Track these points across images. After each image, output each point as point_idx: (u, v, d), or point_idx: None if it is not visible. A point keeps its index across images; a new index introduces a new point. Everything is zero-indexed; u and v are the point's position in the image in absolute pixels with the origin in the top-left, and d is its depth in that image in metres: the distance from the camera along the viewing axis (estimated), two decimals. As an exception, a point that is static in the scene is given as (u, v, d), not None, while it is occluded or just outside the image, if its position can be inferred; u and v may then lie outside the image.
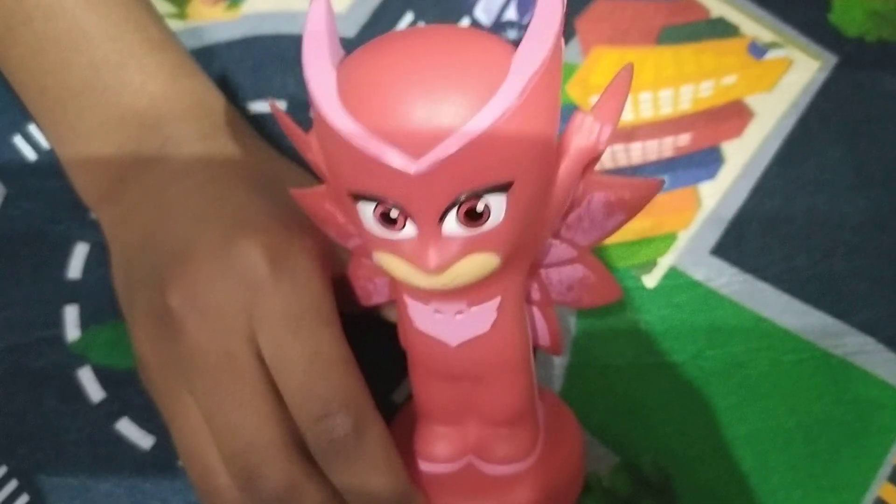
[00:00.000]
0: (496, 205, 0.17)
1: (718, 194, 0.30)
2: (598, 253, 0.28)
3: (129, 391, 0.27)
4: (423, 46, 0.17)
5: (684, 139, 0.31)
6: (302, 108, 0.32)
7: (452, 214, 0.17)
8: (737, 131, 0.31)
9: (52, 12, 0.26)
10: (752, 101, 0.31)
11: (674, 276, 0.29)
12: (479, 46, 0.17)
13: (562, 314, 0.28)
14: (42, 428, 0.27)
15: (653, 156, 0.31)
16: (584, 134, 0.19)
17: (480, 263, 0.18)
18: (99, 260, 0.29)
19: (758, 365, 0.28)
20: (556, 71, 0.18)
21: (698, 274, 0.29)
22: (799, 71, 0.32)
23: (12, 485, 0.26)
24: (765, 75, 0.32)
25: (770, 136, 0.31)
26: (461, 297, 0.20)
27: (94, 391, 0.27)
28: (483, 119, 0.16)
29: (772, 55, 0.32)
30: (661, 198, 0.30)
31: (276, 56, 0.32)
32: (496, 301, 0.20)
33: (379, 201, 0.18)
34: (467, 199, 0.17)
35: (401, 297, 0.21)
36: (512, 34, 0.33)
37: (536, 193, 0.18)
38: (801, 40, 0.32)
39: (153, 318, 0.22)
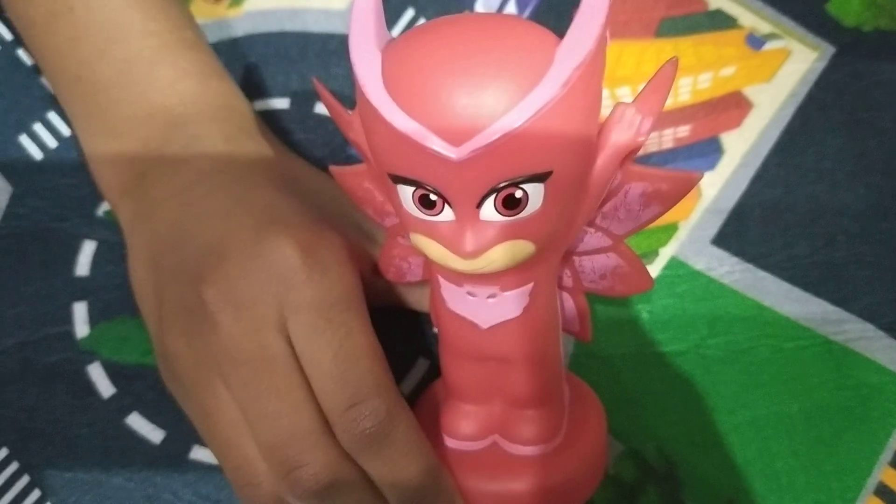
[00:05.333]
0: (534, 193, 0.18)
1: (719, 184, 0.30)
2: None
3: (138, 386, 0.28)
4: (469, 33, 0.17)
5: (684, 130, 0.31)
6: (305, 104, 0.32)
7: (490, 201, 0.17)
8: (736, 122, 0.31)
9: (93, 3, 0.26)
10: (750, 91, 0.32)
11: (675, 266, 0.29)
12: (525, 35, 0.17)
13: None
14: (53, 423, 0.27)
15: (653, 147, 0.31)
16: (624, 126, 0.19)
17: (516, 250, 0.18)
18: (106, 257, 0.29)
19: (759, 352, 0.28)
20: (600, 63, 0.18)
21: (699, 263, 0.29)
22: (797, 61, 0.32)
23: (24, 480, 0.27)
24: (763, 66, 0.32)
25: (769, 126, 0.31)
26: (495, 281, 0.20)
27: (105, 387, 0.28)
28: (526, 109, 0.16)
29: (770, 46, 0.32)
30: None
31: (279, 53, 0.32)
32: (529, 287, 0.20)
33: (418, 185, 0.18)
34: (506, 187, 0.17)
35: (434, 277, 0.21)
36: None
37: (574, 183, 0.19)
38: (799, 31, 0.33)
39: (185, 312, 0.23)
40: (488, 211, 0.18)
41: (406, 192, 0.18)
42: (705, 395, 0.28)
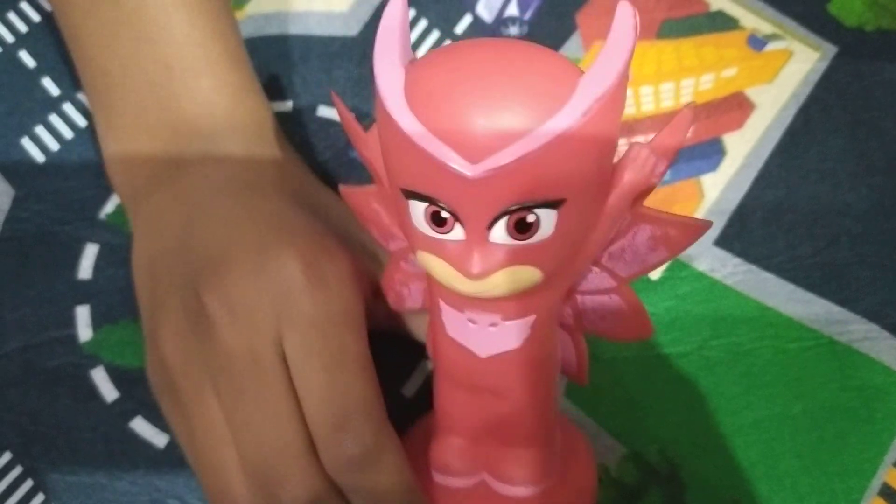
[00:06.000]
0: (546, 219, 0.18)
1: (721, 185, 0.30)
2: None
3: (142, 390, 0.28)
4: (494, 57, 0.17)
5: (686, 131, 0.31)
6: (307, 107, 0.32)
7: (502, 223, 0.17)
8: (738, 123, 0.31)
9: (143, 1, 0.26)
10: (752, 92, 0.32)
11: (678, 267, 0.29)
12: (549, 64, 0.17)
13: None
14: (56, 427, 0.27)
15: (655, 148, 0.31)
16: (638, 166, 0.19)
17: (522, 276, 0.18)
18: (109, 260, 0.29)
19: (763, 353, 0.28)
20: (620, 100, 0.18)
21: (702, 265, 0.29)
22: (799, 62, 0.32)
23: (28, 484, 0.27)
24: (765, 67, 0.32)
25: (771, 126, 0.31)
26: (497, 309, 0.20)
27: (108, 391, 0.28)
28: (544, 134, 0.16)
29: (771, 47, 0.32)
30: (663, 190, 0.30)
31: (281, 56, 0.32)
32: (531, 319, 0.20)
33: (431, 201, 0.18)
34: (518, 210, 0.17)
35: (435, 302, 0.21)
36: (514, 30, 0.33)
37: (586, 214, 0.19)
38: (801, 31, 0.33)
39: (185, 319, 0.22)
40: (498, 233, 0.18)
41: (418, 209, 0.18)
42: (708, 397, 0.28)
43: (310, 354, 0.22)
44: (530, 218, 0.17)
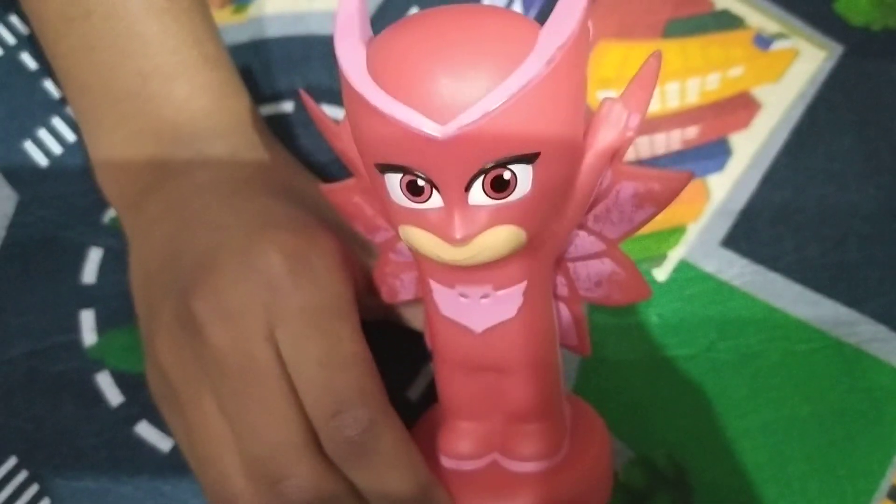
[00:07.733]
0: (522, 176, 0.17)
1: (727, 186, 0.30)
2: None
3: (147, 395, 0.27)
4: (452, 22, 0.17)
5: (692, 132, 0.31)
6: (310, 109, 0.32)
7: (478, 184, 0.17)
8: (744, 123, 0.31)
9: (114, 11, 0.26)
10: (759, 92, 0.31)
11: (684, 269, 0.29)
12: (508, 21, 0.17)
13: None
14: (61, 433, 0.27)
15: (661, 149, 0.31)
16: (611, 122, 0.19)
17: (506, 236, 0.18)
18: (113, 265, 0.29)
19: (770, 355, 0.28)
20: (584, 48, 0.18)
21: (709, 266, 0.29)
22: (805, 61, 0.32)
23: (33, 489, 0.27)
24: (771, 66, 0.32)
25: (778, 126, 0.31)
26: (486, 279, 0.20)
27: (113, 395, 0.28)
28: (510, 87, 0.16)
29: (778, 46, 0.32)
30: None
31: (284, 58, 0.32)
32: (522, 286, 0.20)
33: (406, 171, 0.18)
34: (493, 168, 0.17)
35: (426, 284, 0.21)
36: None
37: (563, 169, 0.18)
38: (807, 30, 0.32)
39: (177, 326, 0.22)
40: (477, 195, 0.17)
41: (393, 181, 0.18)
42: (716, 400, 0.27)
43: (302, 346, 0.21)
44: (506, 175, 0.17)
